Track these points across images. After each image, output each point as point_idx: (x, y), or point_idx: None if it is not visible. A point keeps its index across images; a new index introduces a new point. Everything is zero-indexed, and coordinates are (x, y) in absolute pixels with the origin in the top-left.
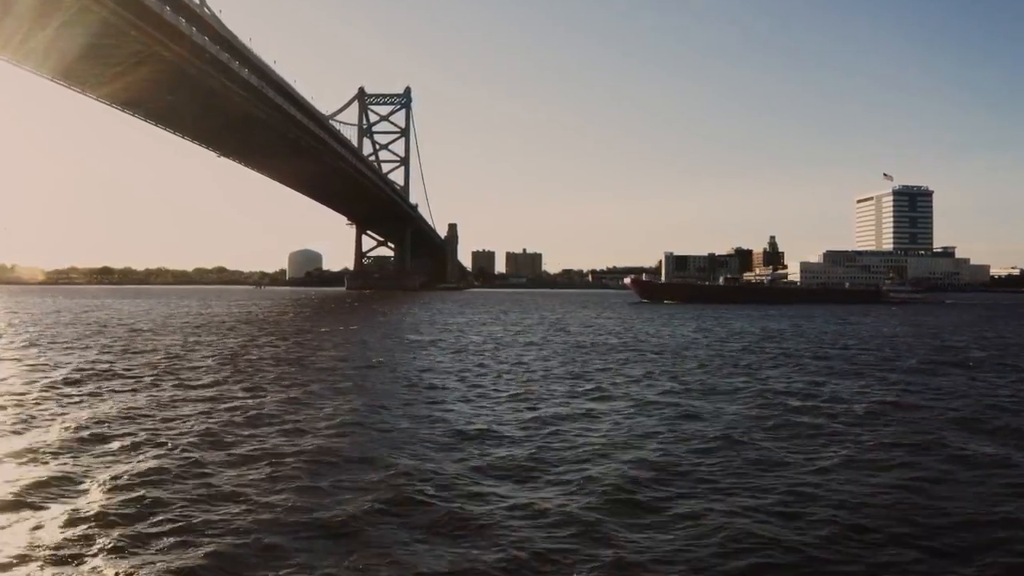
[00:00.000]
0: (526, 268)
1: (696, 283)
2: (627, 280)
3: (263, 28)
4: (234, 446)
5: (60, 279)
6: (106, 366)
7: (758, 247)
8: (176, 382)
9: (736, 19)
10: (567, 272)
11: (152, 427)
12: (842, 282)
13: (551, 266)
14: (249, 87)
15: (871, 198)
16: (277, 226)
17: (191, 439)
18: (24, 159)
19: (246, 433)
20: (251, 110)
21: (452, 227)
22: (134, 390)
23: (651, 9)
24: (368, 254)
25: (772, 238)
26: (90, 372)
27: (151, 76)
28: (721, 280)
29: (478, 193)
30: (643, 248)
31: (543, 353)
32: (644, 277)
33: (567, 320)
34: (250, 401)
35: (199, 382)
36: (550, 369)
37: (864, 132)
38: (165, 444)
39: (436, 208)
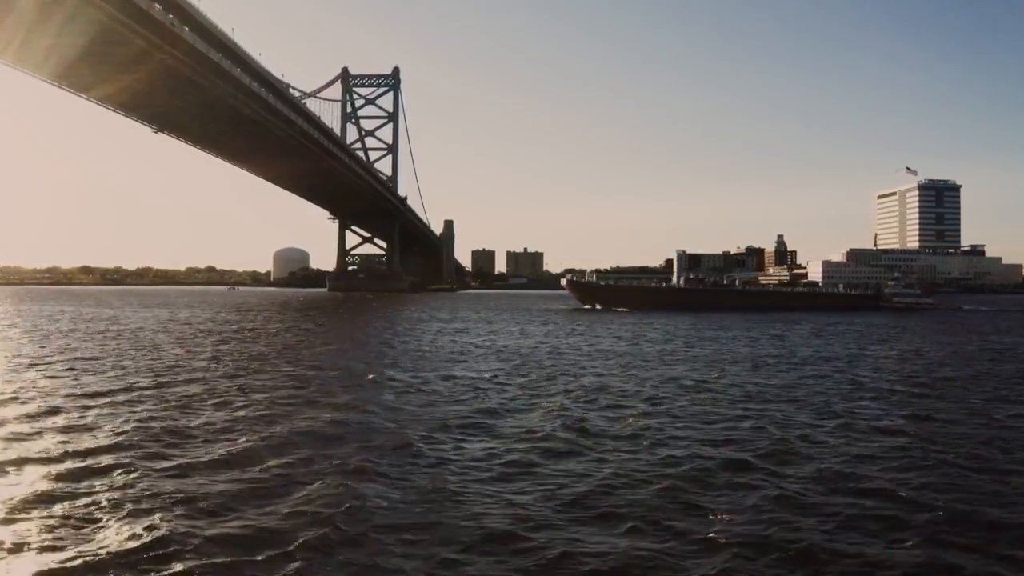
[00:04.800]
0: (527, 268)
1: (651, 285)
2: (564, 281)
3: (247, 10)
4: None
5: (27, 279)
6: None
7: (769, 247)
8: None
9: (736, 18)
10: (569, 272)
11: None
12: (836, 284)
13: (556, 266)
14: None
15: (894, 193)
16: (274, 224)
17: None
18: (13, 158)
19: None
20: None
21: (448, 224)
22: None
23: (655, 8)
24: (353, 252)
25: (780, 236)
26: None
27: (142, 76)
28: (681, 281)
29: (480, 191)
30: (650, 248)
31: None
32: (587, 278)
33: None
34: None
35: None
36: None
37: (867, 132)
38: None
39: (437, 207)
